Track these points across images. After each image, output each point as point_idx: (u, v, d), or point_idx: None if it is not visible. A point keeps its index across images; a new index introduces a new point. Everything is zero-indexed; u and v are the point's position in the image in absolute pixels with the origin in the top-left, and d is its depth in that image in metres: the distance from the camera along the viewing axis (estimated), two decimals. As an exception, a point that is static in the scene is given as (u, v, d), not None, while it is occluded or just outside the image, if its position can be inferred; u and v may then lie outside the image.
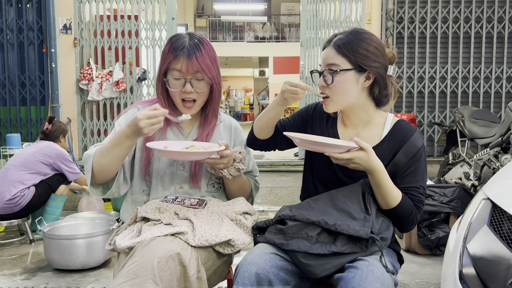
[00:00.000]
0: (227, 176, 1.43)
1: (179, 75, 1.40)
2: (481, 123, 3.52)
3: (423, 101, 5.55)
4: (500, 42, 5.45)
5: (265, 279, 1.17)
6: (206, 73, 1.40)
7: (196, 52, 1.39)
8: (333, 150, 1.24)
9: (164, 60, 1.43)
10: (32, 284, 2.54)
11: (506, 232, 1.14)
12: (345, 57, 1.32)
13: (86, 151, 1.41)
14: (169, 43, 1.43)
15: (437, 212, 2.89)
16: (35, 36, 5.42)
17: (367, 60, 1.32)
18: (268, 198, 4.49)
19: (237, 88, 21.26)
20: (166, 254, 1.15)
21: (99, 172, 1.37)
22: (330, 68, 1.33)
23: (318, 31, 5.36)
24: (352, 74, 1.32)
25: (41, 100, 5.53)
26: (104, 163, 1.35)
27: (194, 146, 1.41)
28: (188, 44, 1.40)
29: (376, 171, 1.25)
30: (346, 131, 1.44)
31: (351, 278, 1.12)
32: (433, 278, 2.59)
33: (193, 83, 1.41)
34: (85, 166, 1.39)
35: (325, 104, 1.38)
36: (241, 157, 1.44)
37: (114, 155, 1.34)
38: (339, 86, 1.32)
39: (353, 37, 1.33)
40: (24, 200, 3.15)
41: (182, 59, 1.39)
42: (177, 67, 1.40)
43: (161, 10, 5.34)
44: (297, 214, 1.25)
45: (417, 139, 1.35)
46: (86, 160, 1.38)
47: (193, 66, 1.39)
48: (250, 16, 14.55)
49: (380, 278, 1.12)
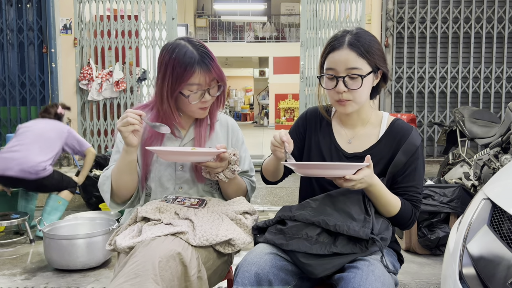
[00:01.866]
0: (223, 179, 1.41)
1: (197, 88, 1.38)
2: (481, 123, 3.52)
3: (423, 101, 5.55)
4: (500, 42, 5.45)
5: (265, 279, 1.17)
6: (222, 79, 1.42)
7: (210, 62, 1.37)
8: (344, 172, 1.19)
9: (178, 76, 1.35)
10: (32, 284, 2.54)
11: (506, 232, 1.14)
12: (365, 59, 1.29)
13: (102, 173, 1.45)
14: (174, 56, 1.36)
15: (437, 212, 2.89)
16: (35, 36, 5.42)
17: (380, 60, 1.33)
18: (268, 198, 4.49)
19: (237, 88, 21.26)
20: (167, 253, 1.15)
21: (118, 191, 1.41)
22: (353, 73, 1.29)
23: (318, 31, 5.36)
24: (371, 76, 1.32)
25: (41, 100, 5.52)
26: (121, 181, 1.39)
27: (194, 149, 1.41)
28: (198, 54, 1.36)
29: (375, 185, 1.25)
30: (342, 131, 1.44)
31: (352, 278, 1.12)
32: (433, 278, 2.59)
33: (210, 91, 1.41)
34: (102, 187, 1.43)
35: (345, 106, 1.33)
36: (236, 159, 1.42)
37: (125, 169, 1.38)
38: (362, 89, 1.30)
39: (364, 38, 1.31)
40: (44, 172, 3.21)
41: (199, 72, 1.35)
42: (195, 82, 1.36)
43: (161, 10, 5.34)
44: (297, 215, 1.25)
45: (415, 138, 1.35)
46: (103, 181, 1.42)
47: (211, 76, 1.38)
48: (250, 16, 14.56)
49: (381, 278, 1.12)
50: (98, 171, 4.18)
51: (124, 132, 1.29)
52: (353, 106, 1.34)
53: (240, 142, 1.60)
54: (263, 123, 14.78)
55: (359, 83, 1.29)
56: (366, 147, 1.39)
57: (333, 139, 1.43)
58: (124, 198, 1.44)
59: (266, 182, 1.54)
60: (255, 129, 13.50)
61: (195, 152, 1.34)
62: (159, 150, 1.34)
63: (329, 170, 1.20)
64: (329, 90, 1.33)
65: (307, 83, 5.41)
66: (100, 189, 1.44)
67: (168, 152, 1.33)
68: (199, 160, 1.36)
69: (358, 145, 1.40)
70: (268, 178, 1.49)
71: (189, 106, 1.41)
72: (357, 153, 1.39)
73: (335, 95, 1.33)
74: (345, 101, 1.32)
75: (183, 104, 1.42)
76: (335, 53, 1.31)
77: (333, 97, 1.34)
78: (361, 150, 1.38)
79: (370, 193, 1.27)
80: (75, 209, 4.17)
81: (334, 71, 1.31)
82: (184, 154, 1.33)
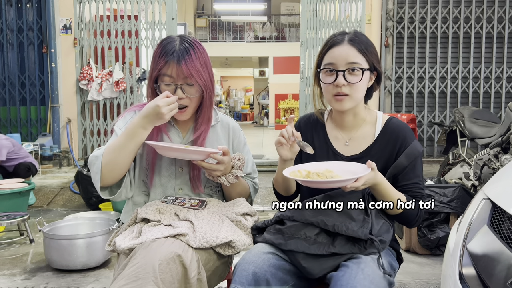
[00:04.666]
0: (225, 183, 1.41)
1: (169, 80, 1.37)
2: (481, 123, 3.52)
3: (423, 101, 5.55)
4: (500, 42, 5.45)
5: (263, 279, 1.17)
6: (196, 79, 1.37)
7: (185, 57, 1.36)
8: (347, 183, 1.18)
9: (155, 66, 1.39)
10: (32, 284, 2.54)
11: (506, 232, 1.14)
12: (364, 56, 1.32)
13: (92, 154, 1.39)
14: (160, 46, 1.40)
15: (437, 212, 2.89)
16: (35, 36, 5.42)
17: (376, 60, 1.36)
18: (268, 198, 4.49)
19: (237, 88, 21.25)
20: (167, 256, 1.14)
21: (110, 171, 1.34)
22: (354, 67, 1.31)
23: (318, 31, 5.36)
24: (368, 74, 1.34)
25: (41, 100, 5.53)
26: (119, 159, 1.33)
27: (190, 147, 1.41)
28: (178, 48, 1.37)
29: (380, 183, 1.26)
30: (338, 134, 1.43)
31: (341, 276, 1.13)
32: (433, 278, 2.59)
33: (184, 88, 1.38)
34: (92, 168, 1.36)
35: (342, 101, 1.33)
36: (240, 164, 1.41)
37: (130, 148, 1.33)
38: (360, 84, 1.33)
39: (362, 38, 1.35)
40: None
41: (172, 64, 1.36)
42: (167, 73, 1.37)
43: (161, 10, 5.34)
44: (296, 215, 1.25)
45: (417, 144, 1.37)
46: (93, 161, 1.35)
47: (183, 72, 1.36)
48: (250, 16, 14.55)
49: (370, 276, 1.12)
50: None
51: (169, 117, 1.32)
52: (350, 102, 1.34)
53: (242, 144, 1.58)
54: (263, 123, 14.78)
55: (359, 77, 1.31)
56: (363, 148, 1.39)
57: (329, 144, 1.43)
58: (111, 180, 1.37)
59: (279, 198, 1.48)
60: (255, 129, 13.49)
61: (189, 149, 1.35)
62: (156, 144, 1.36)
63: (332, 184, 1.20)
64: (328, 84, 1.34)
65: (307, 83, 5.41)
66: (90, 170, 1.38)
67: (163, 148, 1.35)
68: (193, 158, 1.36)
69: (355, 146, 1.40)
70: (280, 191, 1.45)
71: None
72: (355, 155, 1.39)
73: (333, 89, 1.33)
74: (343, 95, 1.32)
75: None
76: (335, 49, 1.33)
77: (331, 91, 1.34)
78: (359, 152, 1.39)
79: (375, 191, 1.28)
80: (75, 209, 4.17)
81: (334, 65, 1.32)
82: (178, 150, 1.35)
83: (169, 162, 1.47)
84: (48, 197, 4.49)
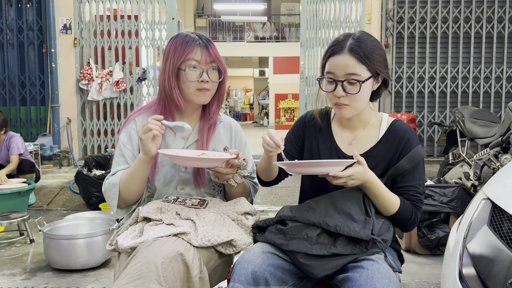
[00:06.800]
0: (233, 184, 1.42)
1: (196, 64, 1.42)
2: (481, 123, 3.52)
3: (423, 101, 5.56)
4: (500, 42, 5.45)
5: (262, 278, 1.18)
6: (219, 63, 1.45)
7: (210, 43, 1.45)
8: (331, 168, 1.21)
9: (178, 54, 1.43)
10: (32, 284, 2.54)
11: (506, 232, 1.14)
12: (365, 65, 1.30)
13: (107, 180, 1.45)
14: (177, 39, 1.45)
15: (437, 212, 2.89)
16: (35, 36, 5.42)
17: (381, 66, 1.33)
18: (268, 198, 4.49)
19: (237, 88, 21.26)
20: (170, 254, 1.15)
21: (127, 198, 1.43)
22: (352, 78, 1.29)
23: (318, 31, 5.37)
24: (371, 81, 1.33)
25: (41, 100, 5.53)
26: (132, 187, 1.41)
27: (206, 154, 1.40)
28: (200, 37, 1.45)
29: (372, 182, 1.26)
30: (343, 133, 1.44)
31: (358, 276, 1.13)
32: (433, 278, 2.59)
33: (209, 73, 1.44)
34: (108, 194, 1.43)
35: (342, 110, 1.34)
36: (245, 164, 1.43)
37: (138, 178, 1.39)
38: (360, 94, 1.31)
39: (366, 43, 1.31)
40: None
41: (199, 49, 1.42)
42: (194, 57, 1.42)
43: (161, 10, 5.34)
44: (297, 215, 1.25)
45: (420, 149, 1.37)
46: (110, 188, 1.42)
47: (210, 56, 1.43)
48: (250, 16, 14.56)
49: (387, 275, 1.14)
50: (98, 171, 4.18)
51: (144, 139, 1.31)
52: (351, 111, 1.35)
53: (243, 144, 1.60)
54: (263, 123, 14.79)
55: (357, 89, 1.30)
56: (367, 149, 1.39)
57: (333, 142, 1.44)
58: (131, 203, 1.46)
59: (262, 183, 1.53)
60: (255, 129, 13.50)
61: (208, 158, 1.34)
62: (172, 155, 1.33)
63: (316, 167, 1.22)
64: (328, 93, 1.35)
65: (307, 83, 5.41)
66: (106, 196, 1.44)
67: (180, 158, 1.33)
68: (211, 165, 1.36)
69: (359, 147, 1.41)
70: (263, 177, 1.49)
71: (188, 87, 1.43)
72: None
73: (333, 99, 1.35)
74: (343, 105, 1.33)
75: (183, 83, 1.44)
76: (335, 57, 1.32)
77: (332, 100, 1.36)
78: (362, 152, 1.39)
79: (367, 189, 1.28)
80: (75, 209, 4.17)
81: (334, 75, 1.32)
82: (196, 160, 1.34)
83: (171, 163, 1.47)
84: (48, 197, 4.49)
